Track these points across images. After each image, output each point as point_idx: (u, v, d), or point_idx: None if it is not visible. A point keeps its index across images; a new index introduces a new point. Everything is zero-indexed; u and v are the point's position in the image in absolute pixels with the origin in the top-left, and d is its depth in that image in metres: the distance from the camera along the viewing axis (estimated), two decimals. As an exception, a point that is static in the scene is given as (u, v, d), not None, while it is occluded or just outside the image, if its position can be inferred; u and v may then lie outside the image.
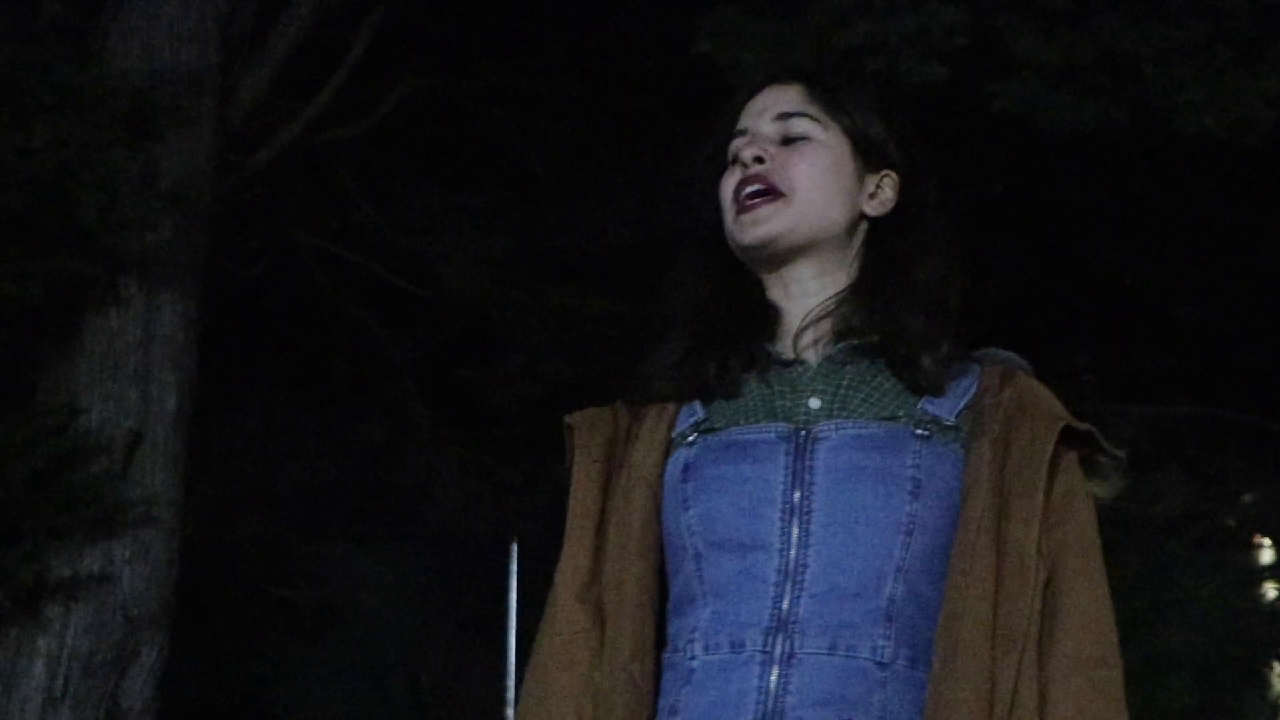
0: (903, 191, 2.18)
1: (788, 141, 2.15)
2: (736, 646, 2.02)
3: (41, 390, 5.62)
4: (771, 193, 2.11)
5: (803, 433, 2.06)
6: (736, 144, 2.17)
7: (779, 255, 2.13)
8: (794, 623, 2.00)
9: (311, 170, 7.97)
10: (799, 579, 2.01)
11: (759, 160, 2.12)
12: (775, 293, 2.16)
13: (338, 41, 7.09)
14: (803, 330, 2.13)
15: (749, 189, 2.12)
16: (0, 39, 5.20)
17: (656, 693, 2.06)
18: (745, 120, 2.18)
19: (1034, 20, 5.61)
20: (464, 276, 8.31)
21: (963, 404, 2.08)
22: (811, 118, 2.15)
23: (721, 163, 2.19)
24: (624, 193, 7.99)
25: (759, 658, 2.00)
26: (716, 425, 2.10)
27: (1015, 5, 5.62)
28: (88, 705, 5.46)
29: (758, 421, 2.09)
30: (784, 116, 2.15)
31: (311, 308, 8.85)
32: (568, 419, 2.17)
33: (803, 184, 2.12)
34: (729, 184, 2.15)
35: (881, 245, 2.16)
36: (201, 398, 5.96)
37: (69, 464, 5.43)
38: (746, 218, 2.12)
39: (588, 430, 2.15)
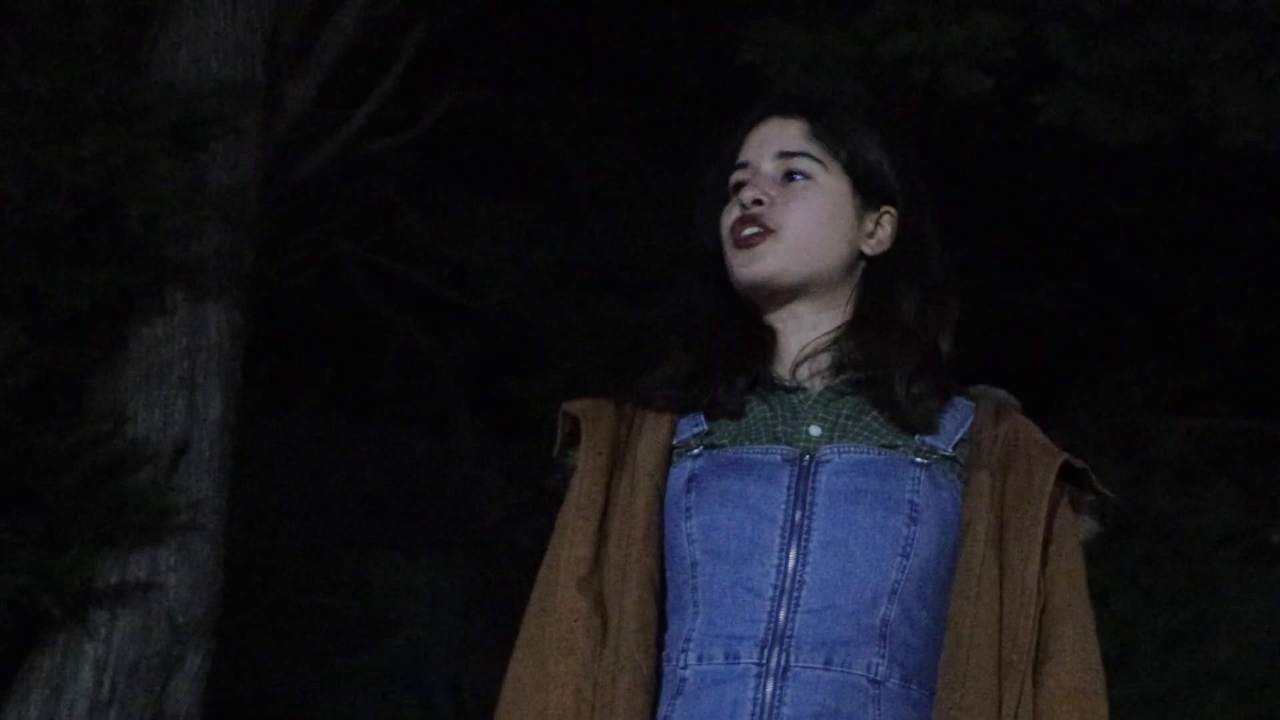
0: (900, 227, 2.19)
1: (788, 178, 2.16)
2: (731, 658, 2.03)
3: (89, 398, 5.64)
4: (768, 234, 2.14)
5: (806, 456, 2.09)
6: (737, 177, 2.19)
7: (775, 294, 2.16)
8: (789, 637, 2.02)
9: (357, 180, 8.00)
10: (795, 595, 2.03)
11: (757, 202, 2.15)
12: (774, 321, 2.19)
13: (384, 52, 7.11)
14: (801, 362, 2.16)
15: (746, 230, 2.14)
16: (48, 51, 5.24)
17: (659, 687, 2.06)
18: (747, 153, 2.20)
19: (1081, 31, 5.59)
20: (509, 287, 8.33)
21: (959, 437, 2.12)
22: (812, 157, 2.18)
23: (723, 190, 2.21)
24: (668, 204, 7.99)
25: (754, 670, 2.02)
26: (721, 442, 2.13)
27: (1062, 15, 5.60)
28: (133, 711, 5.49)
29: (761, 443, 2.11)
30: (785, 155, 2.17)
31: (356, 317, 8.88)
32: (568, 408, 2.18)
33: (799, 227, 2.15)
34: (728, 219, 2.18)
35: (876, 282, 2.18)
36: (247, 406, 5.98)
37: (116, 471, 5.45)
38: (743, 256, 2.15)
39: (593, 422, 2.16)
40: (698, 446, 2.13)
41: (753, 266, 2.14)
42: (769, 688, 2.01)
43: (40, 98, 5.09)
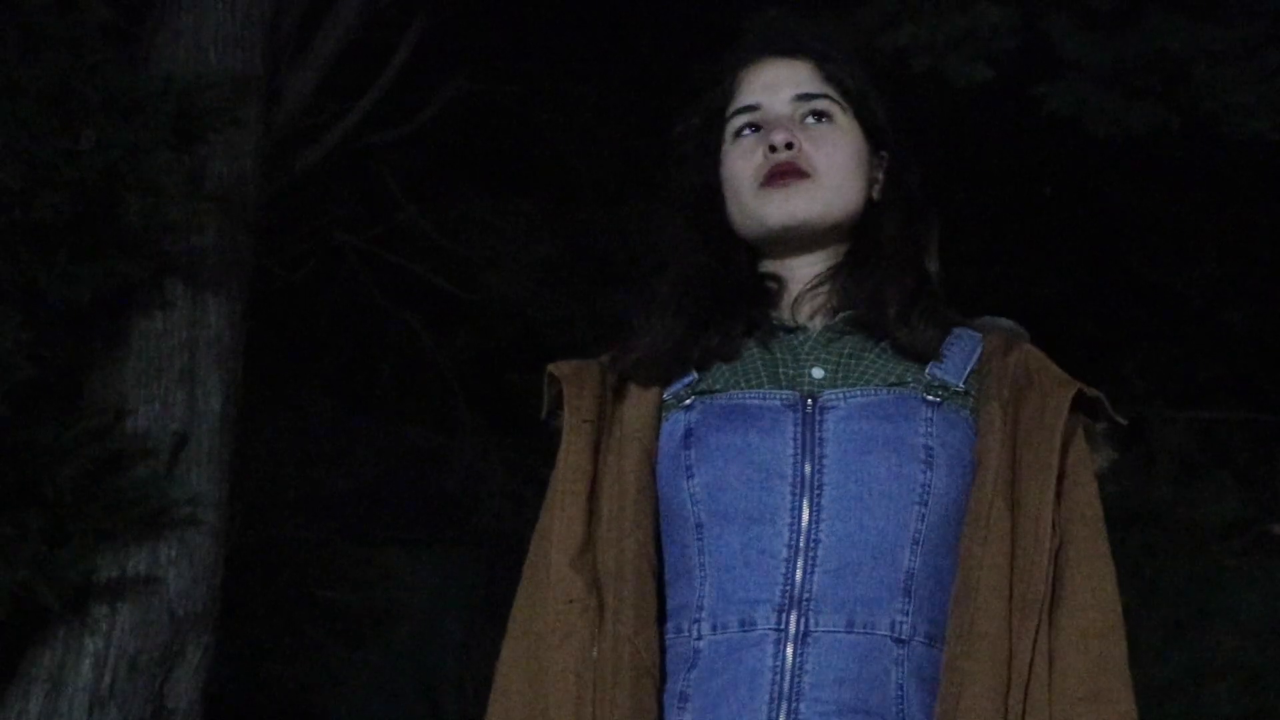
0: (891, 171, 2.13)
1: (811, 119, 2.11)
2: (747, 625, 1.95)
3: (88, 392, 5.63)
4: (803, 177, 2.07)
5: (809, 401, 2.00)
6: (748, 119, 2.11)
7: (803, 238, 2.09)
8: (808, 599, 1.94)
9: (357, 173, 7.98)
10: (811, 554, 1.95)
11: (788, 145, 2.07)
12: (772, 265, 2.12)
13: (383, 45, 7.10)
14: (800, 299, 2.09)
15: (780, 173, 2.06)
16: (47, 43, 5.22)
17: (661, 667, 1.98)
18: (753, 95, 2.12)
19: (1083, 21, 5.57)
20: (509, 280, 8.31)
21: (969, 369, 2.04)
22: (832, 99, 2.11)
23: (716, 135, 2.13)
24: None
25: (772, 636, 1.94)
26: (715, 387, 2.04)
27: (1063, 6, 5.59)
28: (134, 705, 5.48)
29: (760, 386, 2.03)
30: (805, 98, 2.11)
31: (357, 310, 8.87)
32: (552, 368, 2.08)
33: (833, 170, 2.08)
34: (747, 164, 2.10)
35: (871, 221, 2.11)
36: (247, 400, 5.96)
37: (116, 466, 5.44)
38: (778, 198, 2.07)
39: (576, 385, 2.06)
40: (689, 396, 2.04)
41: (789, 208, 2.06)
42: (789, 653, 1.93)
43: (38, 90, 5.07)
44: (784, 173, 2.07)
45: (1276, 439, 8.65)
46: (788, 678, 1.92)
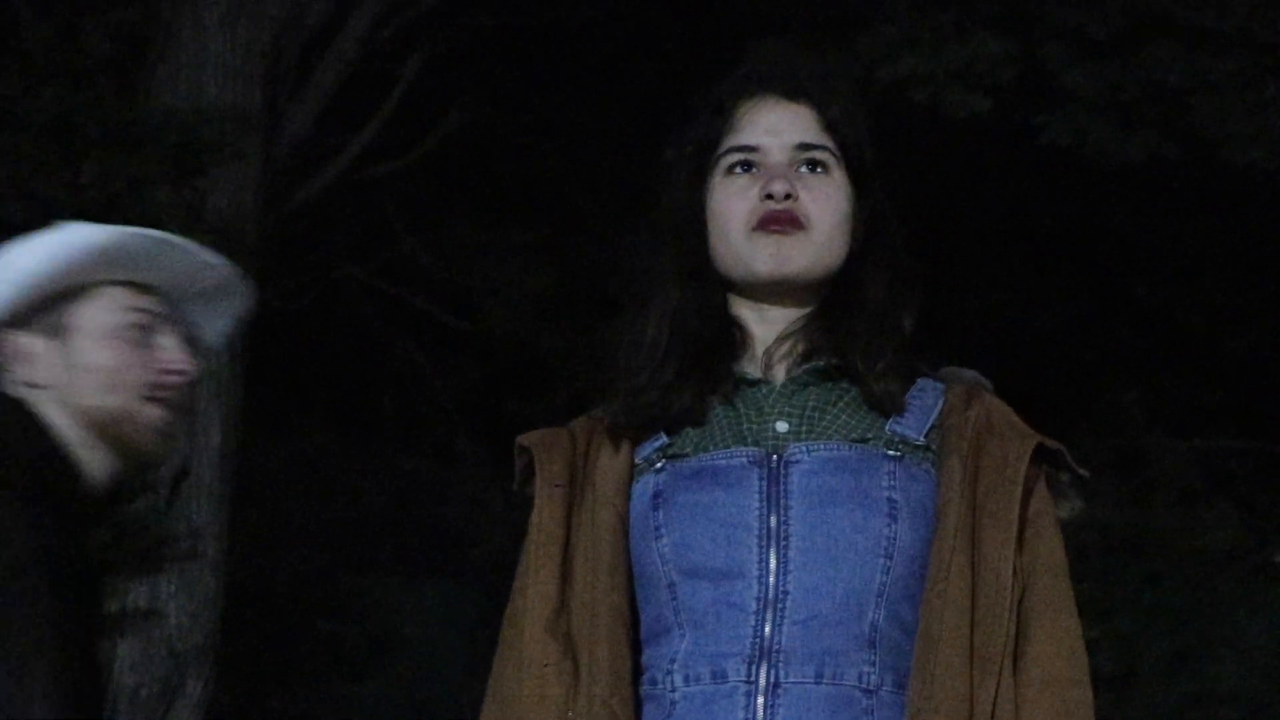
0: (874, 221, 2.12)
1: (807, 168, 2.10)
2: (719, 677, 1.97)
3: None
4: (798, 229, 2.07)
5: (774, 456, 2.01)
6: (744, 158, 2.09)
7: (788, 288, 2.09)
8: (778, 651, 1.95)
9: (357, 205, 7.99)
10: (780, 606, 1.96)
11: (788, 197, 2.07)
12: (744, 311, 2.12)
13: (383, 77, 7.11)
14: (771, 350, 2.09)
15: (776, 223, 2.06)
16: (49, 77, 5.23)
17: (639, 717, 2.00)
18: (753, 135, 2.11)
19: (1081, 52, 5.59)
20: (510, 311, 8.32)
21: (930, 422, 2.05)
22: (830, 150, 2.11)
23: (703, 167, 2.12)
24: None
25: (743, 688, 1.95)
26: (685, 450, 2.05)
27: (1062, 36, 5.60)
28: (134, 740, 5.47)
29: (726, 446, 2.03)
30: (806, 148, 2.11)
31: (357, 342, 8.87)
32: (521, 439, 2.11)
33: (827, 224, 2.08)
34: (740, 204, 2.09)
35: (851, 273, 2.10)
36: (247, 431, 5.96)
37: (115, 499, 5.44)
38: (771, 249, 2.06)
39: (546, 452, 2.09)
40: (660, 460, 2.05)
41: (781, 258, 2.05)
42: (759, 705, 1.94)
43: (40, 124, 5.09)
44: (779, 220, 2.07)
45: (1277, 467, 8.65)
46: None
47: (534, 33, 7.71)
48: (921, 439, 2.03)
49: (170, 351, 2.29)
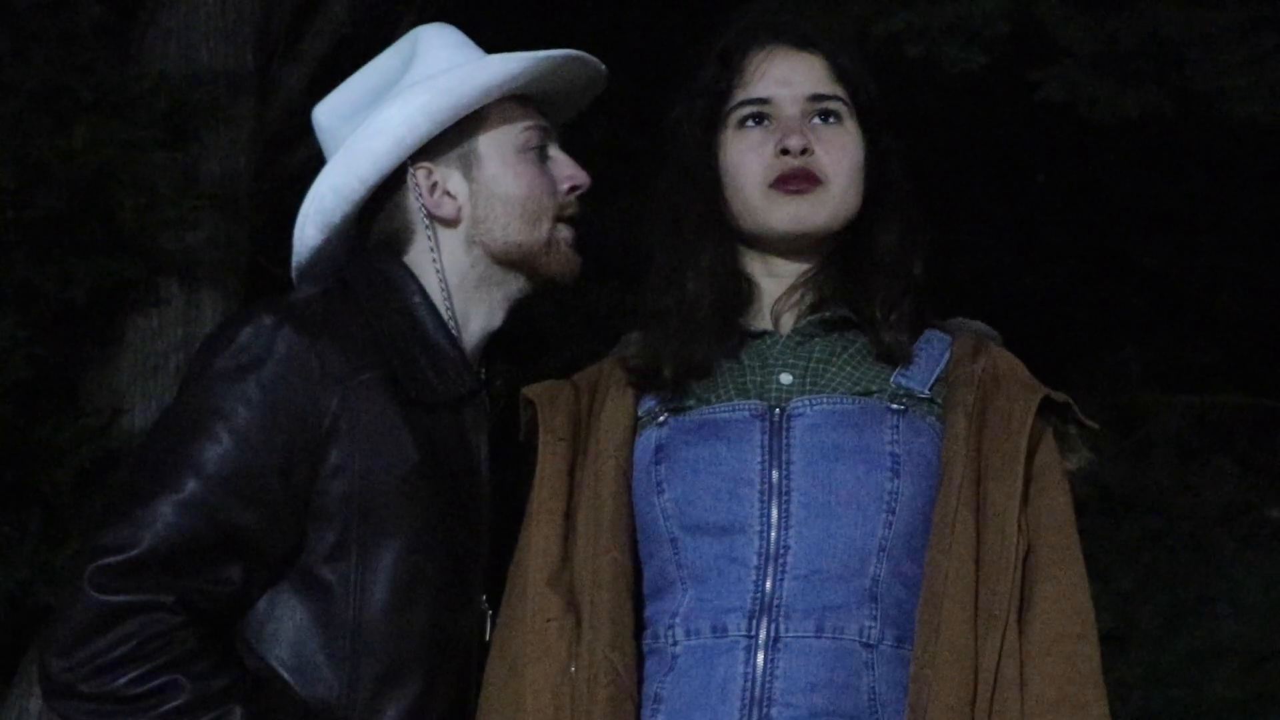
0: (886, 171, 2.13)
1: (820, 119, 2.08)
2: (719, 631, 1.97)
3: (84, 391, 5.62)
4: (816, 184, 2.06)
5: (777, 410, 2.00)
6: (756, 110, 2.09)
7: (805, 242, 2.08)
8: (778, 606, 1.95)
9: (351, 169, 7.96)
10: (781, 561, 1.96)
11: (804, 151, 2.05)
12: (753, 264, 2.11)
13: (375, 40, 7.08)
14: (780, 301, 2.08)
15: (795, 179, 2.06)
16: (39, 41, 5.21)
17: (638, 679, 2.00)
18: (766, 88, 2.09)
19: (1076, 6, 5.57)
20: (503, 274, 8.29)
21: (935, 375, 2.04)
22: (842, 100, 2.10)
23: (715, 118, 2.11)
24: (664, 188, 7.96)
25: (743, 643, 1.96)
26: (687, 404, 2.05)
27: (1057, -10, 5.58)
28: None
29: (729, 399, 2.03)
30: (819, 99, 2.09)
31: (352, 307, 8.85)
32: (526, 391, 2.14)
33: (844, 178, 2.08)
34: (756, 159, 2.08)
35: (864, 224, 2.12)
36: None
37: (113, 464, 5.43)
38: (790, 205, 2.06)
39: (550, 407, 2.10)
40: (663, 413, 2.05)
41: (800, 216, 2.05)
42: (759, 660, 1.95)
43: (30, 89, 5.07)
44: (797, 176, 2.05)
45: (1275, 423, 8.65)
46: (759, 684, 1.94)
47: (526, -6, 7.69)
48: (926, 392, 2.03)
49: (566, 165, 2.23)
